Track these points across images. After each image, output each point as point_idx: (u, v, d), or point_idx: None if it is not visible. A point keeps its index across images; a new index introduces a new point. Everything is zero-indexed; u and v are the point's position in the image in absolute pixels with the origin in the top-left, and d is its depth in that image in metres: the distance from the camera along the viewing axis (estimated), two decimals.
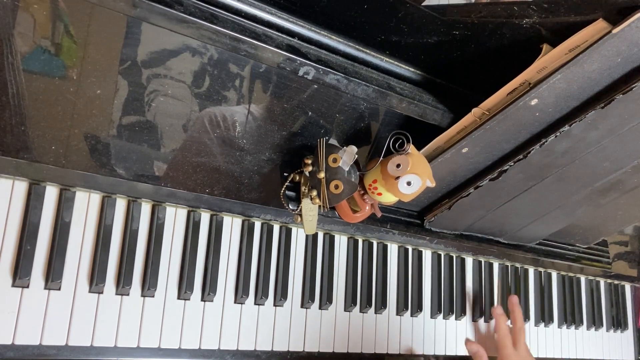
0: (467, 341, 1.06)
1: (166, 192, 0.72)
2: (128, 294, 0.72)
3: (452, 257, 1.08)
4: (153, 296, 0.74)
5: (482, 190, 0.89)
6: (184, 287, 0.75)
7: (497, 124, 0.76)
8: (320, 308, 0.89)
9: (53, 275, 0.66)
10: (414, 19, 0.71)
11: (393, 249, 1.00)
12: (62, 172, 0.64)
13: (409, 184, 0.74)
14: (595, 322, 1.35)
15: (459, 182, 0.91)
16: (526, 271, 1.23)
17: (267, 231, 0.85)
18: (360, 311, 0.94)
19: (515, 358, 1.06)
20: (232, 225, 0.82)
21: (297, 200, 0.80)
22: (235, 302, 0.81)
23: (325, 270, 0.90)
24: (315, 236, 0.90)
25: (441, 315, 1.04)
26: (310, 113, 0.75)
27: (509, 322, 1.12)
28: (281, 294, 0.84)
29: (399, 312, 0.98)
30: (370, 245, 0.97)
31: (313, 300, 0.88)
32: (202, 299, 0.78)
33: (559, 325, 1.27)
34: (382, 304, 0.96)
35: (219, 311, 0.79)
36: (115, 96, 0.64)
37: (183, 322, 0.76)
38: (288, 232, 0.87)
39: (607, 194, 1.01)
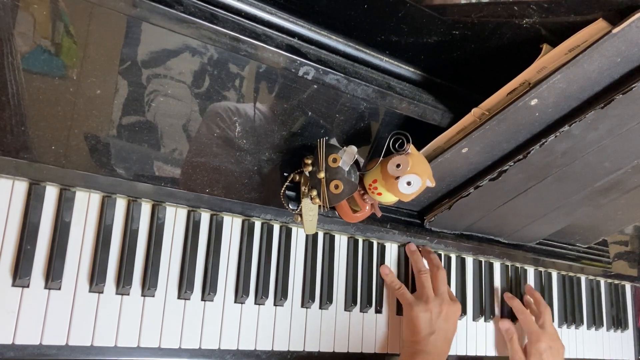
0: (500, 319, 1.11)
1: (166, 192, 0.72)
2: (128, 294, 0.72)
3: (452, 257, 1.08)
4: (153, 296, 0.74)
5: (482, 190, 0.89)
6: (184, 287, 0.75)
7: (497, 124, 0.76)
8: (320, 308, 0.89)
9: (53, 275, 0.66)
10: (414, 19, 0.70)
11: (393, 249, 1.00)
12: (62, 172, 0.64)
13: (409, 184, 0.74)
14: (595, 321, 1.35)
15: (459, 182, 0.91)
16: (526, 271, 1.23)
17: (267, 231, 0.85)
18: (361, 311, 0.94)
19: (543, 336, 1.07)
20: (232, 225, 0.82)
21: (297, 200, 0.80)
22: (235, 302, 0.81)
23: (325, 270, 0.90)
24: (315, 236, 0.90)
25: None
26: (310, 113, 0.75)
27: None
28: (281, 294, 0.84)
29: (400, 311, 0.98)
30: (370, 245, 0.97)
31: (313, 300, 0.88)
32: (202, 299, 0.78)
33: (559, 325, 1.27)
34: (383, 304, 0.96)
35: (219, 311, 0.79)
36: (115, 96, 0.64)
37: (183, 321, 0.76)
38: (288, 232, 0.87)
39: (607, 194, 1.01)
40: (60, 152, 0.62)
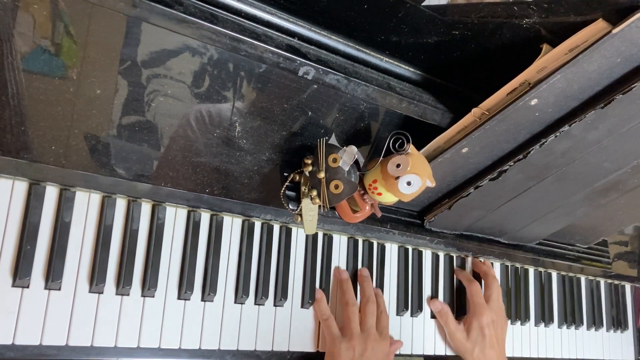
0: (430, 300, 1.02)
1: (166, 192, 0.72)
2: (128, 294, 0.72)
3: (452, 257, 1.08)
4: (153, 296, 0.74)
5: (482, 190, 0.89)
6: (184, 287, 0.75)
7: (497, 124, 0.76)
8: None
9: (53, 275, 0.66)
10: (414, 19, 0.71)
11: (393, 249, 1.00)
12: (62, 172, 0.64)
13: (409, 184, 0.74)
14: (595, 322, 1.35)
15: (459, 182, 0.91)
16: (526, 271, 1.23)
17: (267, 231, 0.85)
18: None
19: (486, 310, 1.01)
20: (232, 225, 0.82)
21: (297, 200, 0.80)
22: (235, 302, 0.81)
23: (325, 270, 0.90)
24: (315, 236, 0.90)
25: None
26: (310, 113, 0.75)
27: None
28: (281, 294, 0.84)
29: (399, 312, 0.98)
30: (370, 245, 0.97)
31: (313, 300, 0.88)
32: (202, 299, 0.78)
33: (559, 326, 1.27)
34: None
35: (219, 311, 0.79)
36: (115, 96, 0.64)
37: (183, 322, 0.76)
38: (288, 232, 0.87)
39: (607, 194, 1.01)
40: (60, 152, 0.62)
